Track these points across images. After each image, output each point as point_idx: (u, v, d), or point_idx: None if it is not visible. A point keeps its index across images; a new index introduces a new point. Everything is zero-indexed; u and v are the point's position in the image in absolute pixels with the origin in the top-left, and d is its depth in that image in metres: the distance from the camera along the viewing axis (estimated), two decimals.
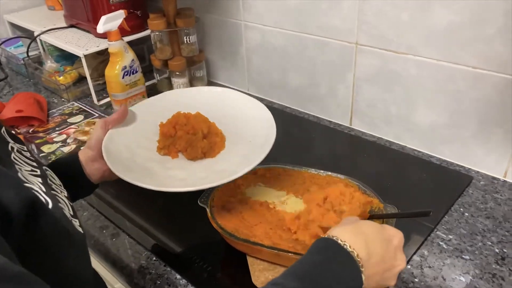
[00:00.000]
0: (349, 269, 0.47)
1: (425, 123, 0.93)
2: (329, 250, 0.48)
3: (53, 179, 0.54)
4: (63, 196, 0.52)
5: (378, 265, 0.49)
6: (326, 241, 0.49)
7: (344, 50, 0.98)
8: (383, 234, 0.52)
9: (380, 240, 0.51)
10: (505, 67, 0.77)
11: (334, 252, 0.48)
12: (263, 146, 0.69)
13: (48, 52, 1.38)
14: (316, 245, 0.50)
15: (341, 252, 0.48)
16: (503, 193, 0.82)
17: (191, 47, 1.22)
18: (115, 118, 0.73)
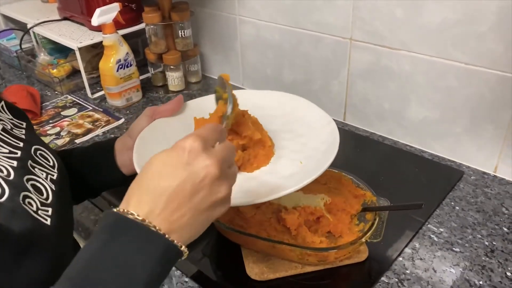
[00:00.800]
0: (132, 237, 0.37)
1: (418, 119, 0.94)
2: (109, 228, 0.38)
3: (43, 159, 0.53)
4: (48, 180, 0.51)
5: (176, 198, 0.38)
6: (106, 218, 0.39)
7: (338, 46, 0.99)
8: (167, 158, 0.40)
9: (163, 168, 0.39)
10: (496, 63, 0.78)
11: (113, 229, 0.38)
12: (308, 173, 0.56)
13: (41, 45, 1.37)
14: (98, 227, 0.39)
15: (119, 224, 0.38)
16: (493, 187, 0.84)
17: (186, 41, 1.22)
18: (166, 108, 0.65)
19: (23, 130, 0.56)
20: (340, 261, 0.67)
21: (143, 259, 0.36)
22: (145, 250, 0.37)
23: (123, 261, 0.36)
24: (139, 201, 0.38)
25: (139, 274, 0.36)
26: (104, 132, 1.09)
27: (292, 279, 0.66)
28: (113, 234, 0.37)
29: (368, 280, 0.66)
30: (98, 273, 0.35)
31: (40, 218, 0.46)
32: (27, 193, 0.46)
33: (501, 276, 0.66)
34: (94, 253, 0.37)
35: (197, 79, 1.32)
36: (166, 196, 0.38)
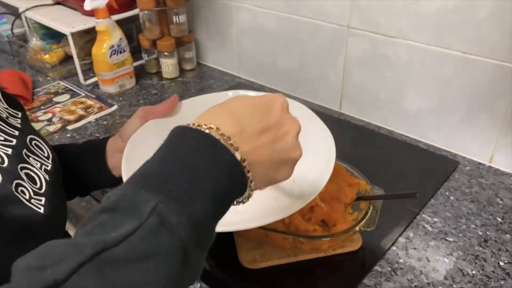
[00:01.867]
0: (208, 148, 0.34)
1: (414, 109, 0.93)
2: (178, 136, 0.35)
3: (38, 149, 0.53)
4: (43, 170, 0.51)
5: (260, 136, 0.37)
6: (177, 129, 0.36)
7: (335, 33, 0.98)
8: (257, 101, 0.40)
9: (254, 107, 0.39)
10: (494, 52, 0.77)
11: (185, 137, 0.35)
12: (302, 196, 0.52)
13: (33, 30, 1.35)
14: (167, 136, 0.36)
15: (192, 134, 0.35)
16: (487, 178, 0.83)
17: (180, 27, 1.20)
18: (161, 109, 0.62)
19: (19, 119, 0.55)
20: (334, 249, 0.66)
21: (212, 168, 0.33)
22: (217, 161, 0.33)
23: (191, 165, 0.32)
24: (224, 121, 0.36)
25: (207, 184, 0.32)
26: (96, 118, 1.07)
27: (285, 267, 0.66)
28: (181, 140, 0.34)
29: (361, 269, 0.66)
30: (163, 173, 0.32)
31: (33, 206, 0.46)
32: (20, 181, 0.46)
33: (494, 265, 0.66)
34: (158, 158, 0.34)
35: (192, 67, 1.30)
36: (254, 129, 0.37)
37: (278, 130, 0.39)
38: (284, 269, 0.66)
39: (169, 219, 0.29)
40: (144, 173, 0.33)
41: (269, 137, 0.38)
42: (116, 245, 0.27)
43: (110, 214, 0.30)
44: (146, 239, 0.28)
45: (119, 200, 0.30)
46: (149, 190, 0.30)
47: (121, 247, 0.27)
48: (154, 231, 0.28)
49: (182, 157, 0.33)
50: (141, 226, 0.28)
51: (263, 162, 0.37)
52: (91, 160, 0.64)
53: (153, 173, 0.32)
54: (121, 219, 0.29)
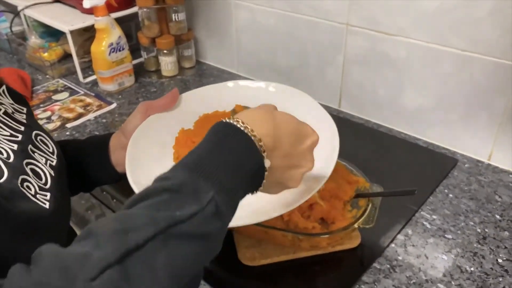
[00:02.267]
0: (248, 153, 0.40)
1: (413, 106, 0.93)
2: (225, 133, 0.41)
3: (43, 145, 0.53)
4: (48, 165, 0.51)
5: (284, 159, 0.43)
6: (224, 125, 0.41)
7: (334, 31, 0.98)
8: (298, 129, 0.45)
9: (292, 134, 0.44)
10: (493, 50, 0.77)
11: (231, 135, 0.40)
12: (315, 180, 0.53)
13: (32, 28, 1.35)
14: (213, 129, 0.42)
15: (239, 136, 0.40)
16: (486, 175, 0.83)
17: (180, 25, 1.20)
18: (161, 103, 0.62)
19: (24, 115, 0.56)
20: (333, 247, 0.67)
21: (249, 172, 0.40)
22: (253, 165, 0.40)
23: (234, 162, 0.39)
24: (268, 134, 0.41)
25: (243, 181, 0.39)
26: (95, 116, 1.07)
27: (284, 264, 0.66)
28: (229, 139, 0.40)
29: (360, 266, 0.66)
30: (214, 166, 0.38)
31: (39, 201, 0.46)
32: (25, 177, 0.46)
33: (493, 262, 0.66)
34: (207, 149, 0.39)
35: (191, 65, 1.30)
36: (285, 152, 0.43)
37: (297, 161, 0.45)
38: (283, 266, 0.66)
39: (222, 209, 0.35)
40: (198, 162, 0.38)
41: (288, 163, 0.44)
42: (183, 222, 0.33)
43: (174, 194, 0.35)
44: (204, 222, 0.34)
45: (181, 184, 0.35)
46: (206, 180, 0.36)
47: (186, 224, 0.33)
48: (210, 217, 0.34)
49: (228, 153, 0.39)
50: (202, 211, 0.34)
51: (274, 177, 0.44)
52: (95, 156, 0.63)
53: (206, 164, 0.38)
54: (184, 201, 0.34)
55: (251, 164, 0.40)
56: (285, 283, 0.65)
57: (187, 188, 0.35)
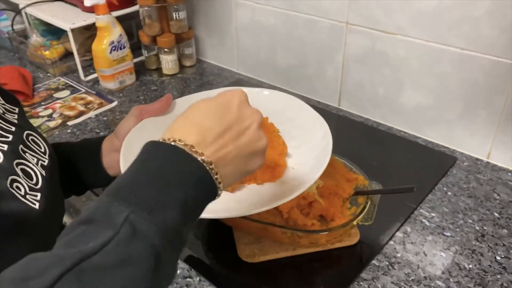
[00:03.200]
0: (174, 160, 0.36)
1: (412, 105, 0.94)
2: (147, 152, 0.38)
3: (34, 145, 0.53)
4: (39, 165, 0.51)
5: (222, 137, 0.39)
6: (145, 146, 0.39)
7: (334, 30, 0.98)
8: (216, 103, 0.42)
9: (213, 110, 0.41)
10: (492, 48, 0.77)
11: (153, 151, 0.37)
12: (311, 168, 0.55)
13: (33, 26, 1.35)
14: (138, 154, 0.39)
15: (160, 148, 0.37)
16: (485, 173, 0.84)
17: (180, 24, 1.20)
18: (155, 107, 0.62)
19: (16, 115, 0.55)
20: (332, 244, 0.67)
21: (181, 178, 0.36)
22: (184, 170, 0.36)
23: (160, 176, 0.35)
24: (186, 132, 0.38)
25: (176, 192, 0.35)
26: (96, 114, 1.08)
27: (283, 261, 0.66)
28: (151, 155, 0.37)
29: (359, 263, 0.66)
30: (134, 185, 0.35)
31: (28, 202, 0.46)
32: (15, 177, 0.46)
33: (491, 260, 0.66)
34: (130, 172, 0.36)
35: (192, 63, 1.31)
36: (215, 133, 0.39)
37: (239, 126, 0.41)
38: (282, 263, 0.66)
39: (140, 228, 0.31)
40: (117, 187, 0.35)
41: (231, 136, 0.40)
42: (94, 254, 0.29)
43: (87, 226, 0.32)
44: (120, 247, 0.30)
45: (94, 213, 0.33)
46: (121, 201, 0.33)
47: (98, 256, 0.29)
48: (127, 240, 0.31)
49: (153, 170, 0.36)
50: (116, 235, 0.30)
51: (230, 160, 0.40)
52: (86, 159, 0.63)
53: (126, 186, 0.35)
54: (97, 230, 0.31)
55: (182, 170, 0.36)
56: (284, 279, 0.65)
57: (100, 215, 0.32)
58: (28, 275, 0.28)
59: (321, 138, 0.60)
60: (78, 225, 0.32)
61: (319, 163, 0.55)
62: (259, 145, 0.42)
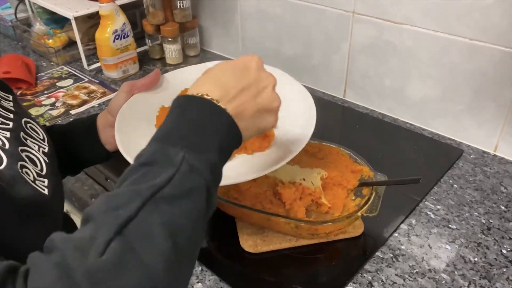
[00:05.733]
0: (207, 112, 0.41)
1: (418, 96, 0.92)
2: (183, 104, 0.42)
3: (33, 132, 0.53)
4: (41, 152, 0.51)
5: (242, 93, 0.43)
6: (177, 100, 0.43)
7: (340, 19, 0.96)
8: (235, 64, 0.46)
9: (233, 71, 0.45)
10: (501, 39, 0.76)
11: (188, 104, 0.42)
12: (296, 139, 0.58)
13: (37, 15, 1.34)
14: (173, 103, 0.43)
15: (193, 101, 0.42)
16: (492, 166, 0.83)
17: (184, 13, 1.19)
18: (144, 83, 0.65)
19: (11, 102, 0.55)
20: (335, 235, 0.66)
21: (215, 127, 0.41)
22: (216, 121, 0.41)
23: (199, 124, 0.40)
24: (211, 89, 0.42)
25: (213, 138, 0.40)
26: (99, 103, 1.07)
27: (285, 252, 0.66)
28: (186, 107, 0.41)
29: (363, 255, 0.66)
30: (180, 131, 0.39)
31: (39, 188, 0.46)
32: (23, 163, 0.46)
33: (497, 253, 0.65)
34: (171, 121, 0.41)
35: (196, 53, 1.29)
36: (237, 90, 0.43)
37: (257, 86, 0.45)
38: (285, 254, 0.66)
39: (195, 165, 0.37)
40: (165, 133, 0.40)
41: (250, 93, 0.44)
42: (164, 187, 0.35)
43: (150, 167, 0.37)
44: (183, 181, 0.36)
45: (153, 156, 0.38)
46: (175, 145, 0.38)
47: (167, 188, 0.35)
48: (187, 174, 0.36)
49: (192, 119, 0.40)
50: (177, 172, 0.36)
51: (249, 115, 0.44)
52: (84, 137, 0.65)
53: (173, 133, 0.40)
54: (161, 169, 0.36)
55: (215, 120, 0.41)
56: (287, 270, 0.64)
57: (159, 157, 0.37)
58: (114, 206, 0.33)
59: (305, 109, 0.63)
60: (140, 167, 0.37)
61: (304, 134, 0.58)
62: (274, 104, 0.46)
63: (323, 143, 0.75)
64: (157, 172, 0.36)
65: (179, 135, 0.39)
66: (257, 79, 0.45)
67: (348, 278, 0.62)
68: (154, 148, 0.39)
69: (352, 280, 0.62)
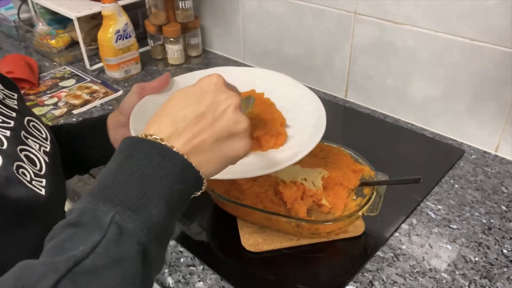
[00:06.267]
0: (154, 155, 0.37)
1: (420, 96, 0.92)
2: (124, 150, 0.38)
3: (36, 131, 0.53)
4: (42, 152, 0.51)
5: (196, 124, 0.39)
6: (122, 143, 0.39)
7: (342, 19, 0.97)
8: (190, 91, 0.41)
9: (187, 99, 0.41)
10: (503, 39, 0.76)
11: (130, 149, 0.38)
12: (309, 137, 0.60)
13: (39, 15, 1.35)
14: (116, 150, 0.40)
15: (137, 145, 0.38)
16: (493, 166, 0.83)
17: (187, 13, 1.19)
18: (154, 85, 0.64)
19: (15, 101, 0.55)
20: (336, 234, 0.67)
21: (161, 174, 0.36)
22: (163, 166, 0.36)
23: (141, 175, 0.36)
24: (159, 125, 0.39)
25: (158, 189, 0.35)
26: (102, 103, 1.07)
27: (287, 251, 0.66)
28: (129, 152, 0.37)
29: (364, 254, 0.66)
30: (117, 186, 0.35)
31: (34, 188, 0.45)
32: (20, 163, 0.45)
33: (497, 253, 0.65)
34: (111, 171, 0.37)
35: (198, 53, 1.30)
36: (188, 121, 0.39)
37: (214, 111, 0.40)
38: (286, 253, 0.66)
39: (126, 227, 0.32)
40: (101, 187, 0.35)
41: (205, 121, 0.40)
42: (86, 258, 0.31)
43: (75, 229, 0.33)
44: (110, 248, 0.31)
45: (81, 215, 0.33)
46: (106, 202, 0.34)
47: (90, 259, 0.31)
48: (115, 240, 0.32)
49: (132, 168, 0.36)
50: (104, 237, 0.31)
51: (207, 146, 0.39)
52: (94, 137, 0.65)
53: (108, 186, 0.35)
54: (86, 233, 0.32)
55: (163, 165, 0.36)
56: (288, 269, 0.65)
57: (87, 218, 0.33)
58: (25, 284, 0.29)
59: (314, 110, 0.64)
60: (65, 227, 0.33)
61: (316, 132, 0.59)
62: (238, 127, 0.41)
63: (324, 143, 0.75)
64: (82, 237, 0.32)
65: (114, 190, 0.34)
66: (213, 103, 0.40)
67: (349, 277, 0.62)
68: (84, 205, 0.34)
69: (353, 279, 0.62)
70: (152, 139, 0.38)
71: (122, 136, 0.58)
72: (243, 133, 0.41)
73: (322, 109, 0.64)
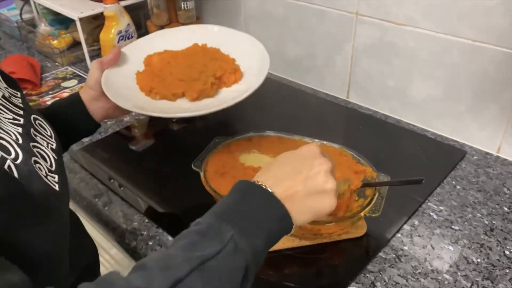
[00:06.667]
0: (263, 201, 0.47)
1: (421, 97, 0.92)
2: (245, 190, 0.49)
3: (42, 129, 0.53)
4: (49, 149, 0.51)
5: (293, 179, 0.49)
6: (246, 183, 0.49)
7: (343, 20, 0.97)
8: (295, 155, 0.53)
9: (290, 163, 0.51)
10: (504, 40, 0.76)
11: (250, 190, 0.48)
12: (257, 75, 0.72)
13: (42, 15, 1.35)
14: (237, 186, 0.50)
15: (252, 188, 0.48)
16: (495, 167, 0.83)
17: (188, 14, 1.20)
18: (110, 58, 0.73)
19: (20, 99, 0.55)
20: (338, 235, 0.67)
21: (267, 216, 0.46)
22: (269, 210, 0.47)
23: (253, 212, 0.46)
24: (265, 176, 0.50)
25: (262, 226, 0.45)
26: None
27: (288, 252, 0.66)
28: (245, 192, 0.48)
29: (366, 255, 0.66)
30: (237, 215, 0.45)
31: (50, 183, 0.46)
32: (36, 159, 0.46)
33: (499, 254, 0.65)
34: (231, 201, 0.47)
35: None
36: (287, 175, 0.49)
37: (309, 171, 0.50)
38: (288, 253, 0.66)
39: (240, 246, 0.43)
40: (223, 211, 0.46)
41: (300, 178, 0.49)
42: (210, 259, 0.40)
43: (202, 237, 0.43)
44: (227, 257, 0.42)
45: (208, 228, 0.44)
46: (228, 223, 0.44)
47: (213, 260, 0.41)
48: (231, 253, 0.42)
49: (249, 204, 0.47)
50: (224, 248, 0.42)
51: (300, 198, 0.48)
52: (75, 113, 0.69)
53: (230, 212, 0.46)
54: (210, 242, 0.42)
55: (269, 211, 0.47)
56: (290, 270, 0.65)
57: (212, 231, 0.43)
58: (168, 266, 0.39)
59: (258, 52, 0.77)
60: (195, 234, 0.44)
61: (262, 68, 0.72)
62: (327, 186, 0.50)
63: (326, 144, 0.75)
64: (207, 244, 0.42)
65: (234, 217, 0.45)
66: (310, 165, 0.50)
67: (351, 278, 0.62)
68: (210, 221, 0.45)
69: (355, 280, 0.62)
70: (263, 187, 0.48)
71: (100, 108, 0.70)
72: (331, 192, 0.50)
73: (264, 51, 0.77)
